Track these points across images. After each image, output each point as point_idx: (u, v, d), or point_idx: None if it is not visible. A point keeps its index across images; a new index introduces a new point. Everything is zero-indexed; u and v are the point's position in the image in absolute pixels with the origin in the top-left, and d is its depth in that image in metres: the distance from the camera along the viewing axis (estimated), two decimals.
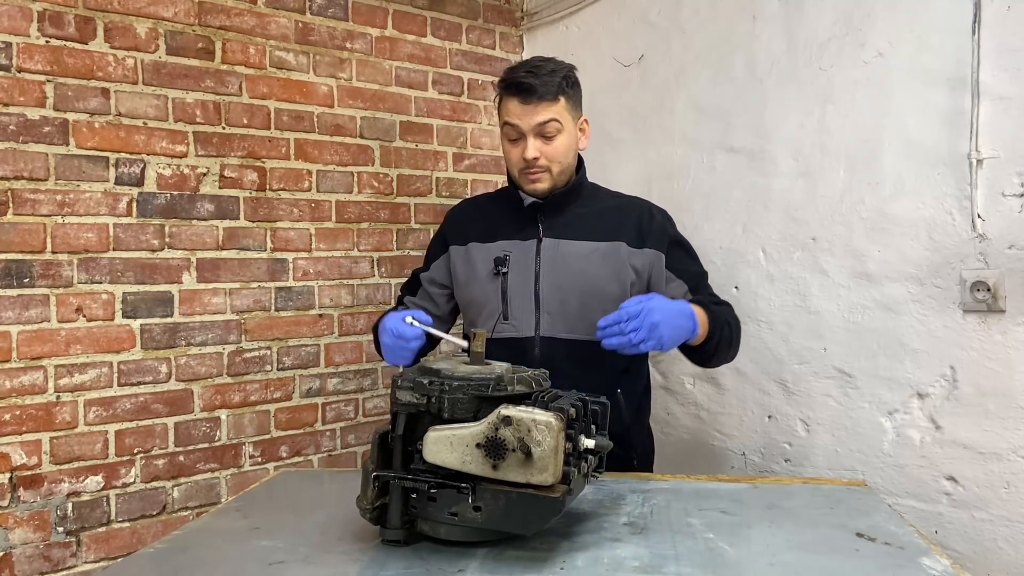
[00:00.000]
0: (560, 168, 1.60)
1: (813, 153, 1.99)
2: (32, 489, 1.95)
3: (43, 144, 1.97)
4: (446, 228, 1.79)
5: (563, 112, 1.57)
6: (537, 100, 1.53)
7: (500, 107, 1.62)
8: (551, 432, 0.98)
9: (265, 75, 2.34)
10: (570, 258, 1.61)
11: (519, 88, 1.54)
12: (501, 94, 1.60)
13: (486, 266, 1.64)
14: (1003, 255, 1.65)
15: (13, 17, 1.93)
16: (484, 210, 1.75)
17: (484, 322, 1.64)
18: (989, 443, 1.68)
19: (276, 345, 2.37)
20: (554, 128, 1.56)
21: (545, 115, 1.54)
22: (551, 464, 0.98)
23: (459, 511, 1.03)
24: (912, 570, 1.00)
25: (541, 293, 1.60)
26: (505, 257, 1.63)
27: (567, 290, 1.60)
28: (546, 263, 1.61)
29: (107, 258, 2.07)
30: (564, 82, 1.57)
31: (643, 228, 1.64)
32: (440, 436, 1.02)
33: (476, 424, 1.01)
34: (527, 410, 1.00)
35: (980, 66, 1.66)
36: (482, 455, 1.00)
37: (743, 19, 2.16)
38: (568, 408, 1.03)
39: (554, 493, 1.00)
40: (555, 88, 1.55)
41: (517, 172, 1.62)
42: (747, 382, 2.16)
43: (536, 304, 1.60)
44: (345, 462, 2.49)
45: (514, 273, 1.62)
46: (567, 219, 1.64)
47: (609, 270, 1.60)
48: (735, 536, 1.13)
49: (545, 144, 1.57)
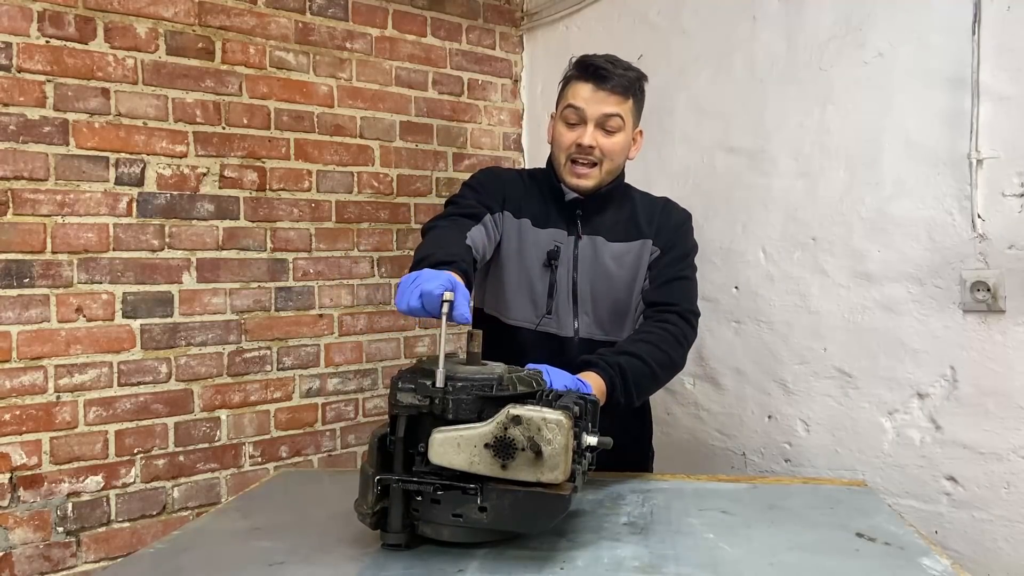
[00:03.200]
0: (610, 167, 1.56)
1: (813, 153, 1.99)
2: (32, 489, 1.95)
3: (43, 144, 1.97)
4: (507, 186, 1.63)
5: (628, 112, 1.54)
6: (609, 90, 1.50)
7: (564, 92, 1.57)
8: (562, 430, 0.98)
9: (265, 75, 2.34)
10: (605, 259, 1.58)
11: (596, 73, 1.50)
12: (571, 77, 1.56)
13: (539, 255, 1.58)
14: (1003, 255, 1.65)
15: (13, 17, 1.93)
16: (531, 189, 1.64)
17: (522, 309, 1.59)
18: (989, 443, 1.68)
19: (276, 345, 2.37)
20: (616, 124, 1.52)
21: (613, 108, 1.51)
22: (562, 462, 0.98)
23: (464, 512, 1.02)
24: (912, 570, 1.00)
25: (579, 293, 1.58)
26: (557, 249, 1.57)
27: (600, 292, 1.58)
28: (584, 262, 1.58)
29: (107, 258, 2.07)
30: (636, 84, 1.55)
31: (658, 227, 1.61)
32: (447, 437, 1.01)
33: (484, 424, 1.01)
34: (536, 409, 1.00)
35: (980, 66, 1.66)
36: (491, 455, 1.00)
37: (743, 19, 2.16)
38: (572, 406, 1.03)
39: (563, 491, 1.01)
40: (628, 85, 1.52)
41: (565, 158, 1.55)
42: (747, 382, 2.16)
43: (574, 303, 1.58)
44: (345, 462, 2.49)
45: (560, 268, 1.58)
46: (605, 219, 1.60)
47: (635, 273, 1.58)
48: (735, 536, 1.13)
49: (604, 136, 1.52)
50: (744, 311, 2.16)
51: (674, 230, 1.62)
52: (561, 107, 1.57)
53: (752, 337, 2.13)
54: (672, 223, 1.63)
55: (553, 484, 1.00)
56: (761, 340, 2.12)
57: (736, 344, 2.18)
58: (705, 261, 2.24)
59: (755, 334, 2.12)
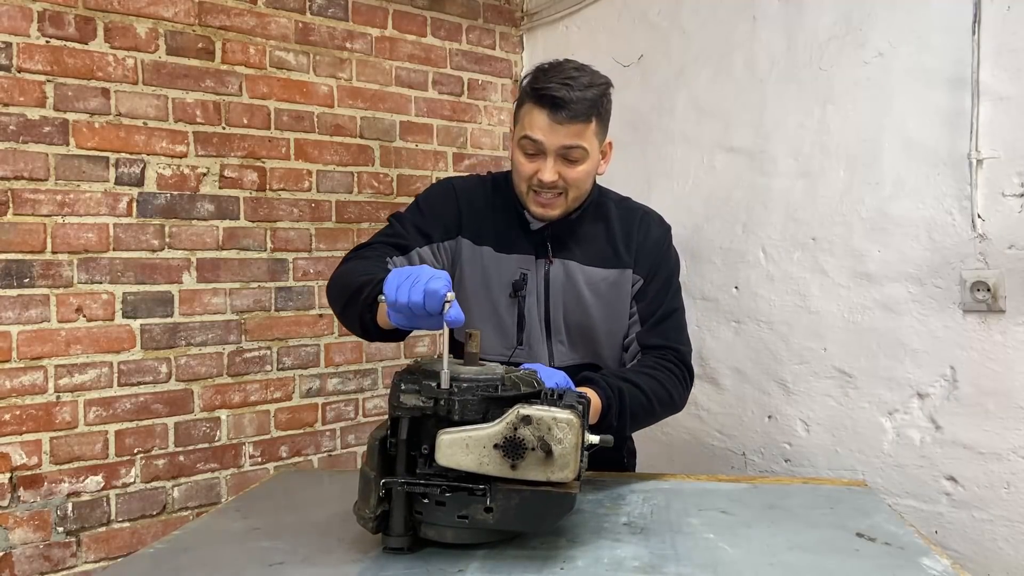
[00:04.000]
0: (577, 194, 1.43)
1: (813, 153, 1.99)
2: (32, 489, 1.95)
3: (43, 144, 1.97)
4: (463, 208, 1.50)
5: (592, 137, 1.38)
6: (569, 120, 1.33)
7: (520, 113, 1.41)
8: (572, 429, 0.99)
9: (265, 75, 2.34)
10: (579, 286, 1.47)
11: (551, 102, 1.32)
12: (525, 100, 1.39)
13: (504, 284, 1.46)
14: (1003, 255, 1.65)
15: (13, 17, 1.93)
16: (494, 206, 1.51)
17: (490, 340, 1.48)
18: (989, 443, 1.68)
19: (276, 345, 2.37)
20: (579, 155, 1.37)
21: (573, 139, 1.35)
22: (572, 461, 0.99)
23: (469, 513, 1.02)
24: (912, 570, 1.00)
25: (552, 321, 1.48)
26: (524, 278, 1.46)
27: (575, 320, 1.48)
28: (555, 288, 1.47)
29: (107, 258, 2.07)
30: (599, 102, 1.37)
31: (637, 250, 1.50)
32: (455, 439, 1.00)
33: (493, 424, 1.00)
34: (546, 409, 1.00)
35: (980, 66, 1.66)
36: (500, 456, 0.99)
37: (743, 19, 2.16)
38: (577, 405, 1.04)
39: (571, 489, 1.02)
40: (589, 107, 1.34)
41: (526, 188, 1.42)
42: (747, 382, 2.16)
43: (547, 333, 1.48)
44: (345, 462, 2.49)
45: (529, 296, 1.47)
46: (576, 238, 1.48)
47: (616, 304, 1.49)
48: (735, 536, 1.13)
49: (566, 167, 1.37)
50: (744, 311, 2.16)
51: (654, 251, 1.51)
52: (518, 135, 1.40)
53: (752, 337, 2.13)
54: (651, 243, 1.51)
55: (562, 483, 1.00)
56: (761, 340, 2.12)
57: (736, 344, 2.18)
58: (705, 261, 2.24)
59: (755, 334, 2.12)
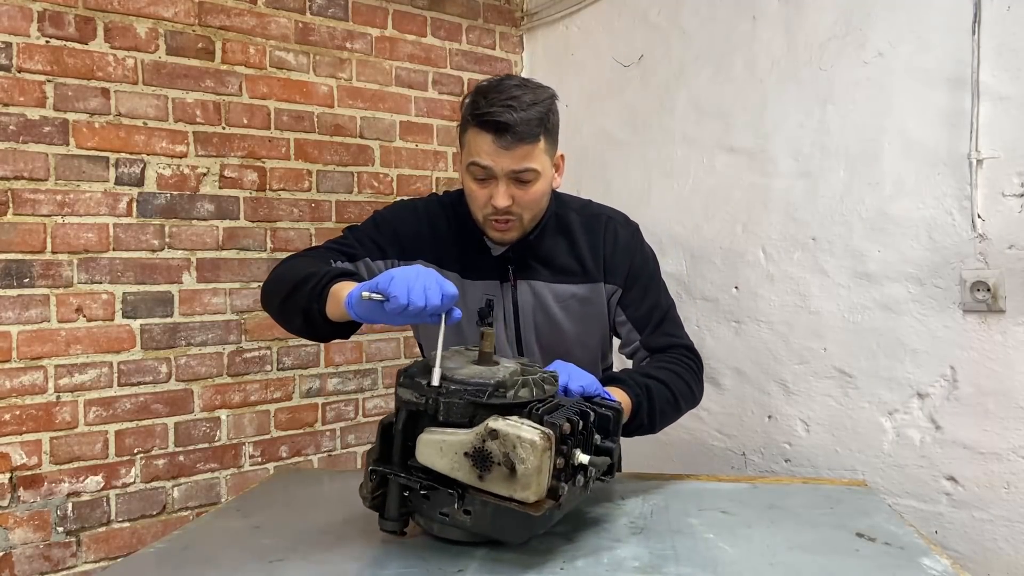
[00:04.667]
0: (532, 215, 1.38)
1: (813, 153, 1.99)
2: (32, 489, 1.95)
3: (43, 144, 1.97)
4: (422, 231, 1.49)
5: (541, 155, 1.33)
6: (516, 142, 1.28)
7: (465, 139, 1.35)
8: (535, 451, 0.94)
9: (265, 75, 2.34)
10: (548, 303, 1.44)
11: (495, 127, 1.27)
12: (468, 126, 1.33)
13: (471, 311, 1.43)
14: (1003, 255, 1.65)
15: (13, 17, 1.93)
16: (453, 229, 1.48)
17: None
18: (989, 443, 1.68)
19: (276, 345, 2.37)
20: (531, 176, 1.32)
21: (522, 162, 1.30)
22: (534, 482, 0.94)
23: (450, 512, 1.02)
24: (912, 570, 1.00)
25: (524, 344, 1.46)
26: (490, 305, 1.43)
27: (548, 340, 1.46)
28: (524, 310, 1.44)
29: (107, 258, 2.07)
30: (545, 118, 1.31)
31: (606, 260, 1.46)
32: (431, 440, 1.01)
33: (466, 432, 0.99)
34: (515, 425, 0.96)
35: (980, 66, 1.66)
36: (469, 464, 0.97)
37: (743, 19, 2.16)
38: (562, 423, 0.99)
39: (536, 511, 0.96)
40: (535, 126, 1.29)
41: (482, 216, 1.37)
42: (747, 382, 2.16)
43: (518, 355, 1.46)
44: (345, 462, 2.49)
45: (496, 323, 1.44)
46: (539, 256, 1.45)
47: (590, 321, 1.47)
48: (735, 536, 1.13)
49: (519, 190, 1.33)
50: (744, 311, 2.16)
51: (625, 256, 1.47)
52: (465, 161, 1.35)
53: (752, 337, 2.13)
54: (620, 249, 1.47)
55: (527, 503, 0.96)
56: (761, 340, 2.12)
57: (736, 344, 2.18)
58: (705, 261, 2.24)
59: (755, 334, 2.12)
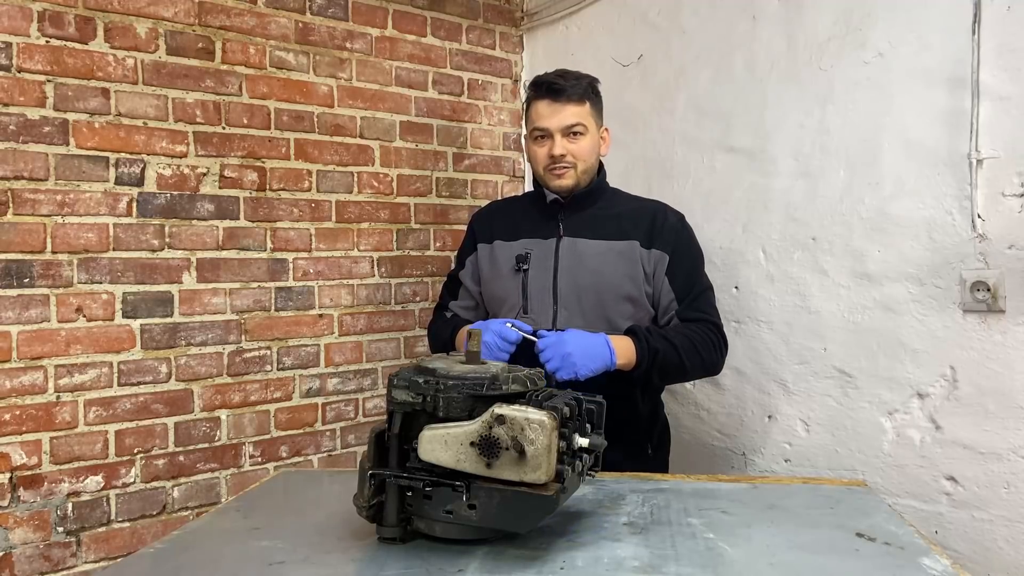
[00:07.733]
0: (584, 167, 1.71)
1: (813, 153, 1.99)
2: (32, 489, 1.95)
3: (43, 144, 1.97)
4: (475, 227, 1.90)
5: (588, 116, 1.70)
6: (565, 100, 1.66)
7: (528, 114, 1.74)
8: (544, 431, 0.98)
9: (265, 75, 2.34)
10: (587, 256, 1.69)
11: (548, 89, 1.67)
12: (530, 99, 1.73)
13: (509, 263, 1.75)
14: (1003, 255, 1.65)
15: (13, 17, 1.93)
16: (509, 210, 1.88)
17: (505, 315, 1.73)
18: (989, 443, 1.68)
19: (276, 345, 2.37)
20: (580, 129, 1.68)
21: (572, 117, 1.67)
22: (544, 462, 0.99)
23: (454, 509, 1.03)
24: (912, 570, 1.00)
25: (560, 289, 1.69)
26: (527, 254, 1.73)
27: (583, 287, 1.68)
28: (564, 260, 1.70)
29: (107, 258, 2.07)
30: (589, 88, 1.71)
31: (655, 229, 1.71)
32: (435, 435, 1.03)
33: (470, 423, 1.02)
34: (520, 409, 1.01)
35: (980, 66, 1.66)
36: (476, 453, 1.00)
37: (743, 19, 2.16)
38: (562, 407, 1.03)
39: (547, 491, 1.01)
40: (581, 91, 1.68)
41: (543, 170, 1.72)
42: (747, 382, 2.16)
43: (554, 299, 1.69)
44: (345, 462, 2.49)
45: (535, 270, 1.72)
46: (586, 219, 1.73)
47: (623, 269, 1.69)
48: (735, 536, 1.13)
49: (571, 143, 1.68)
50: (744, 311, 2.16)
51: (673, 231, 1.73)
52: (529, 129, 1.75)
53: (752, 337, 2.13)
54: (669, 224, 1.74)
55: (537, 484, 1.00)
56: (761, 340, 2.12)
57: (736, 344, 2.17)
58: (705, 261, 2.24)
59: (755, 334, 2.12)
